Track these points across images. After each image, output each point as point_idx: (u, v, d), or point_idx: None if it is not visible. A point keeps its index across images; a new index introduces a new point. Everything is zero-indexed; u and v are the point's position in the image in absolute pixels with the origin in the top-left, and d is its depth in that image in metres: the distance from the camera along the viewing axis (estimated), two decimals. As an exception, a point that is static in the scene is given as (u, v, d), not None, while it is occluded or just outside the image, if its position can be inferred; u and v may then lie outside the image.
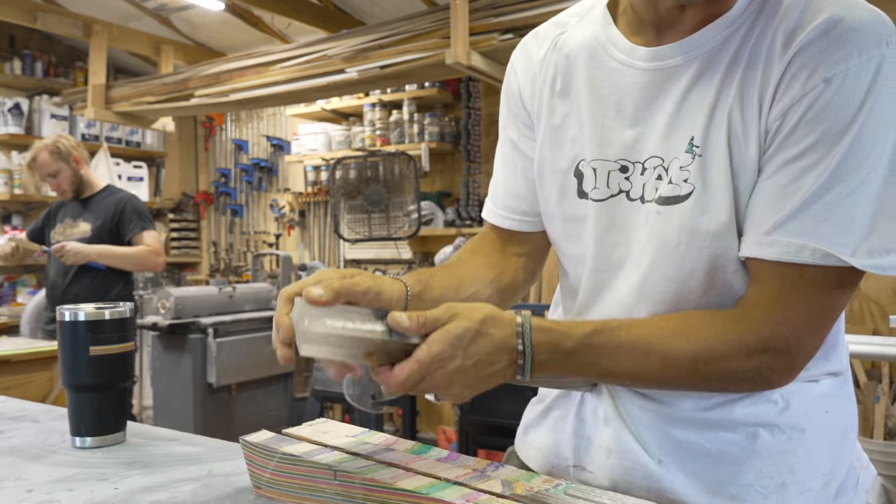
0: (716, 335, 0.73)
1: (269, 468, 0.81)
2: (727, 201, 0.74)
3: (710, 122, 0.75)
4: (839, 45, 0.69)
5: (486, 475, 0.75)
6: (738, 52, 0.75)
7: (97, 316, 1.05)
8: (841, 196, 0.68)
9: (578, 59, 0.87)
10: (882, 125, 0.69)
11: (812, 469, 0.78)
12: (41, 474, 0.92)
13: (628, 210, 0.81)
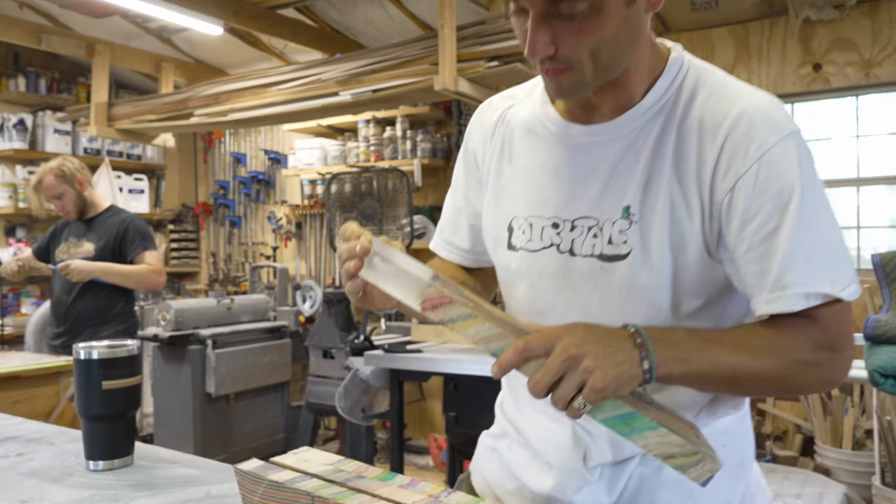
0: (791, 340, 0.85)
1: (258, 493, 0.95)
2: (664, 261, 0.88)
3: (646, 195, 0.89)
4: (760, 129, 0.85)
5: (438, 500, 0.89)
6: (664, 135, 0.90)
7: (109, 354, 1.18)
8: (806, 249, 0.84)
9: (522, 131, 1.02)
10: (813, 184, 0.85)
11: (710, 496, 0.92)
12: (61, 495, 1.06)
13: (556, 261, 0.95)
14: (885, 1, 3.54)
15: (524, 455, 1.02)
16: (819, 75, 3.73)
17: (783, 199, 0.83)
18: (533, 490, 1.00)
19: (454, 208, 1.14)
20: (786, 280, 0.84)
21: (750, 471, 1.00)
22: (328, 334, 3.64)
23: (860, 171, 3.77)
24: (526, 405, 1.03)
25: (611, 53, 0.86)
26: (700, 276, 0.90)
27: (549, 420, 0.98)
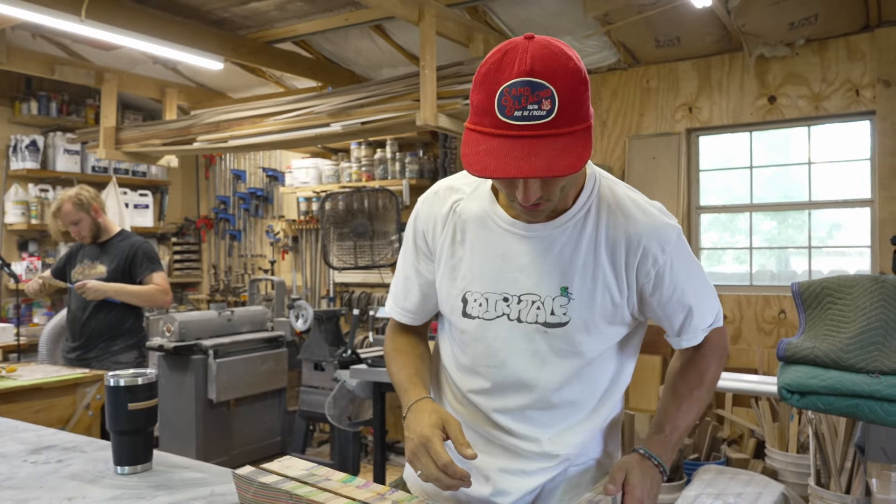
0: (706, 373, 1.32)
1: (250, 492, 1.26)
2: (593, 326, 1.21)
3: (584, 279, 1.20)
4: (661, 236, 1.21)
5: (384, 497, 1.20)
6: (595, 235, 1.21)
7: (133, 381, 1.49)
8: (702, 298, 1.28)
9: (474, 223, 1.27)
10: (692, 257, 1.28)
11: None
12: (98, 494, 1.36)
13: (507, 327, 1.25)
14: (832, 40, 3.85)
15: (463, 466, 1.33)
16: (774, 107, 4.04)
17: (687, 275, 1.25)
18: (471, 495, 1.30)
19: (405, 279, 1.40)
20: (696, 326, 1.28)
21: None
22: (319, 348, 3.95)
23: (812, 195, 4.08)
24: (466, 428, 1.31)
25: (571, 184, 1.15)
26: (614, 333, 1.25)
27: (484, 442, 1.29)
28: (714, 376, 1.33)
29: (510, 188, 1.11)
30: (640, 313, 1.26)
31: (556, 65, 1.00)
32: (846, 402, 2.10)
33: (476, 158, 1.04)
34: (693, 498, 2.95)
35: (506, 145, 1.01)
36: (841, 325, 2.25)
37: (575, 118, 1.02)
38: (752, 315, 4.08)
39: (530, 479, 1.28)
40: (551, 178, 1.05)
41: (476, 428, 1.31)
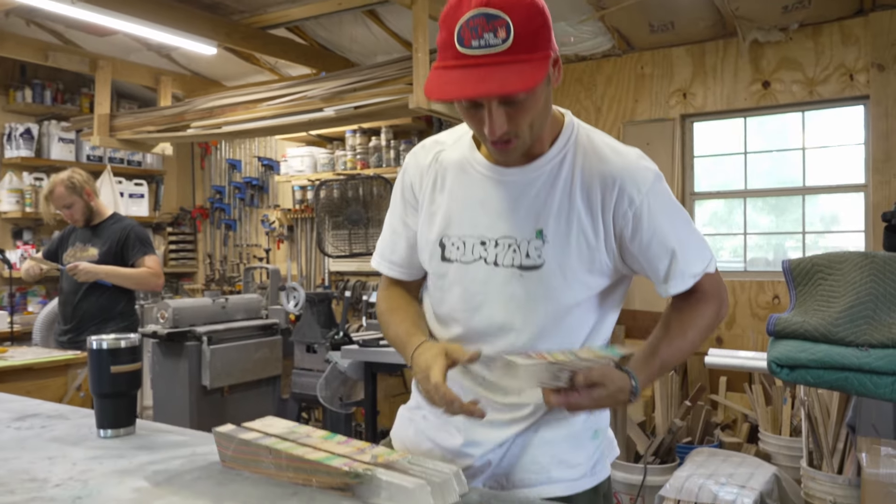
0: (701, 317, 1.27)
1: (230, 448, 1.26)
2: (568, 270, 1.21)
3: (558, 221, 1.20)
4: (638, 177, 1.20)
5: (364, 452, 1.19)
6: (571, 178, 1.21)
7: (116, 345, 1.49)
8: (688, 241, 1.24)
9: (454, 170, 1.30)
10: (675, 202, 1.25)
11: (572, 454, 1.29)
12: (80, 455, 1.36)
13: (485, 271, 1.25)
14: (826, 25, 3.84)
15: (436, 422, 1.33)
16: (768, 92, 4.03)
17: (667, 215, 1.21)
18: (444, 447, 1.31)
19: (392, 232, 1.42)
20: (682, 270, 1.23)
21: (605, 437, 1.34)
22: (311, 331, 3.94)
23: (806, 180, 4.08)
24: None
25: (540, 122, 1.17)
26: (593, 282, 1.23)
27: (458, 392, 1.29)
28: (709, 322, 1.28)
29: (479, 125, 1.13)
30: (623, 264, 1.24)
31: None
32: (835, 375, 2.10)
33: (436, 87, 1.08)
34: (685, 478, 2.94)
35: (465, 73, 1.05)
36: (831, 299, 2.25)
37: (532, 47, 1.06)
38: (747, 300, 4.08)
39: (501, 431, 1.27)
40: (516, 112, 1.10)
41: (451, 378, 1.30)
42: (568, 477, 1.27)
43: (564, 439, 1.28)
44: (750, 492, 2.83)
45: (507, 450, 1.28)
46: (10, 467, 1.28)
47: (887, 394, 2.04)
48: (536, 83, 1.05)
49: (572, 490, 1.26)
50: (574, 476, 1.27)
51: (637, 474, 3.26)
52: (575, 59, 4.55)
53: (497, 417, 1.27)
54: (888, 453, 2.15)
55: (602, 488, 1.31)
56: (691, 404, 3.54)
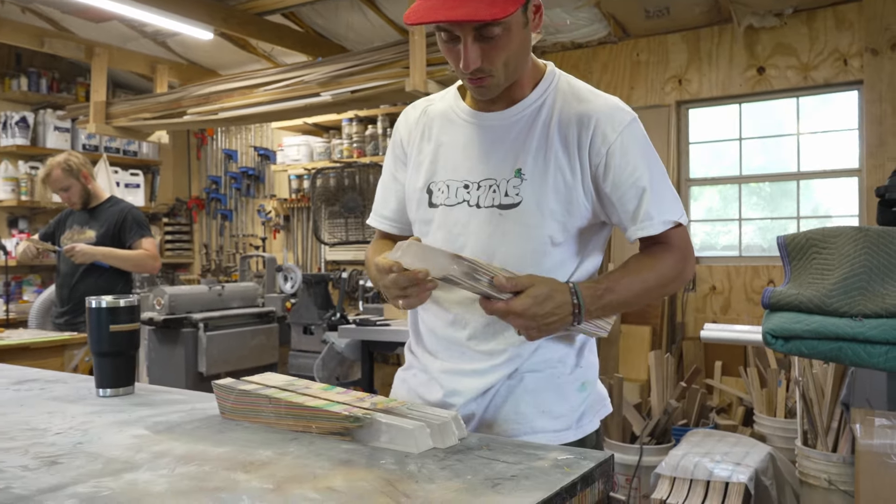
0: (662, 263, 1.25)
1: (230, 399, 1.27)
2: (545, 207, 1.23)
3: (536, 160, 1.23)
4: (617, 116, 1.23)
5: (363, 400, 1.20)
6: (549, 121, 1.25)
7: (115, 304, 1.49)
8: (659, 189, 1.23)
9: (440, 119, 1.35)
10: (652, 149, 1.26)
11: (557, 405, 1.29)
12: (79, 410, 1.36)
13: (466, 212, 1.28)
14: (820, 10, 3.87)
15: (423, 378, 1.37)
16: (763, 78, 4.05)
17: (641, 156, 1.22)
18: (428, 401, 1.33)
19: (383, 188, 1.46)
20: (651, 213, 1.22)
21: (594, 389, 1.34)
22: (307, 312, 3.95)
23: (800, 165, 4.10)
24: (427, 345, 1.38)
25: (516, 62, 1.21)
26: (570, 222, 1.25)
27: (440, 360, 1.34)
28: (670, 272, 1.25)
29: (456, 59, 1.18)
30: (600, 209, 1.25)
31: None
32: (830, 345, 2.11)
33: (414, 13, 1.13)
34: (680, 456, 2.96)
35: (442, 2, 1.11)
36: (825, 272, 2.27)
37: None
38: (742, 285, 4.10)
39: (480, 380, 1.28)
40: (491, 48, 1.15)
41: (434, 329, 1.34)
42: (551, 427, 1.27)
43: (549, 389, 1.28)
44: (745, 469, 2.84)
45: (491, 400, 1.29)
46: (9, 420, 1.28)
47: (881, 363, 2.05)
48: (505, 14, 1.09)
49: (556, 441, 1.24)
50: (557, 427, 1.27)
51: (633, 455, 3.27)
52: (571, 46, 4.57)
53: (477, 365, 1.29)
54: (882, 424, 2.17)
55: (588, 442, 1.31)
56: (686, 386, 3.56)
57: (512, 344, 1.27)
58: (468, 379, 1.29)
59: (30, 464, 1.00)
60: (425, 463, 0.98)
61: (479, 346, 1.29)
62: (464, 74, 1.19)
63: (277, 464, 0.98)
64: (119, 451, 1.06)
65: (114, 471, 0.96)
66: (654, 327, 4.14)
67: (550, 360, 1.28)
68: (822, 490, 2.94)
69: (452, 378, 1.31)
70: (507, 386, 1.28)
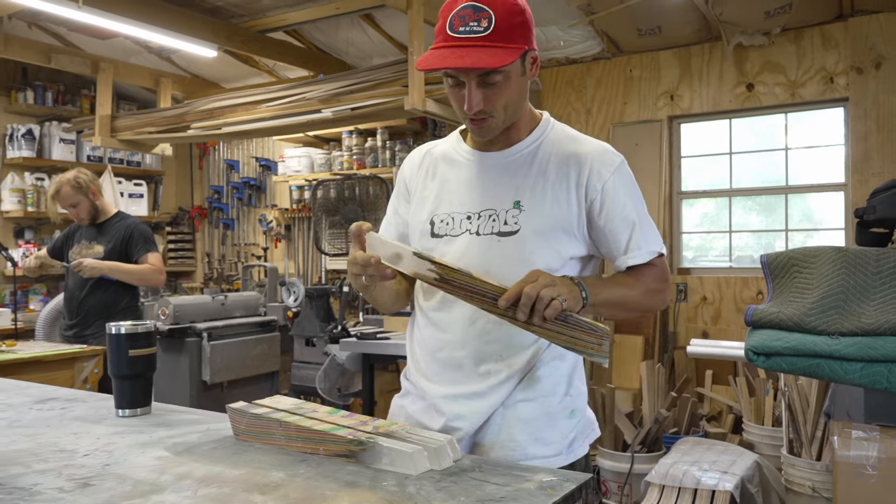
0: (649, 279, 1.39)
1: (243, 422, 1.37)
2: (542, 236, 1.36)
3: (533, 193, 1.37)
4: (607, 159, 1.39)
5: (366, 423, 1.31)
6: (546, 160, 1.39)
7: (133, 330, 1.60)
8: (646, 223, 1.40)
9: (443, 160, 1.49)
10: (637, 188, 1.42)
11: (549, 432, 1.40)
12: (102, 431, 1.47)
13: (467, 239, 1.40)
14: (807, 29, 3.98)
15: (422, 405, 1.46)
16: (752, 94, 4.17)
17: (630, 197, 1.39)
18: (429, 427, 1.42)
19: (386, 222, 1.59)
20: (640, 244, 1.38)
21: (583, 416, 1.45)
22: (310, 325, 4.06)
23: (789, 180, 4.21)
24: (424, 370, 1.47)
25: (514, 106, 1.35)
26: (564, 249, 1.37)
27: (437, 385, 1.43)
28: (655, 287, 1.39)
29: (461, 102, 1.32)
30: (590, 239, 1.39)
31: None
32: (808, 361, 2.22)
33: (425, 60, 1.28)
34: (670, 465, 3.07)
35: (450, 51, 1.25)
36: (805, 291, 2.37)
37: (508, 38, 1.25)
38: (732, 296, 4.21)
39: (481, 402, 1.37)
40: (492, 93, 1.29)
41: (433, 351, 1.44)
42: (544, 454, 1.37)
43: (541, 418, 1.38)
44: (731, 477, 2.95)
45: (488, 427, 1.38)
46: (39, 441, 1.39)
47: (856, 379, 2.16)
48: (504, 63, 1.23)
49: (548, 466, 1.36)
50: (549, 453, 1.37)
51: (625, 462, 3.38)
52: (566, 61, 4.68)
53: (475, 388, 1.38)
54: (859, 436, 2.27)
55: (578, 466, 1.41)
56: (677, 395, 3.67)
57: (513, 365, 1.37)
58: (469, 402, 1.38)
59: (65, 485, 1.11)
60: (423, 485, 1.08)
61: (478, 367, 1.38)
62: (466, 115, 1.33)
63: (290, 485, 1.08)
64: (144, 472, 1.16)
65: (142, 493, 1.06)
66: (647, 337, 4.25)
67: (543, 389, 1.38)
68: (807, 497, 3.05)
69: (453, 403, 1.39)
70: (501, 415, 1.37)
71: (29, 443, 1.37)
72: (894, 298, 2.25)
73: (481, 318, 1.36)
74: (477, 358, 1.38)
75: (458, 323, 1.40)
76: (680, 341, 4.28)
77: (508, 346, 1.37)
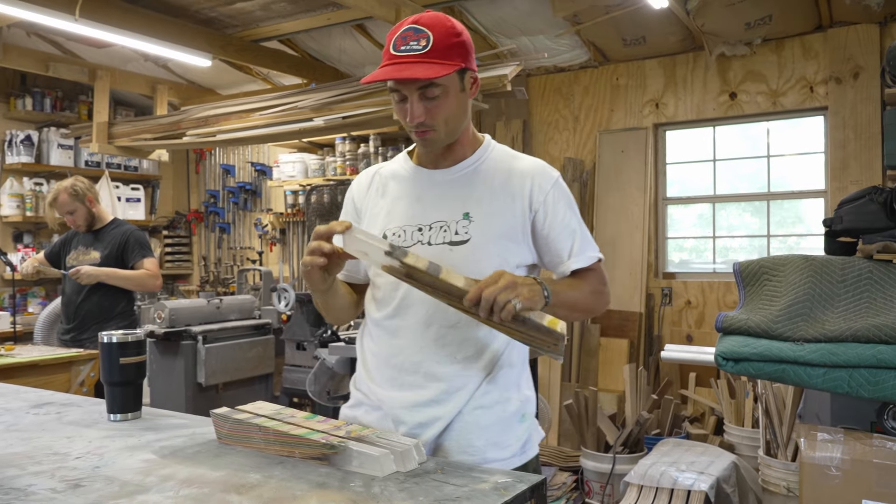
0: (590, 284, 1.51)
1: (226, 427, 1.46)
2: (490, 244, 1.46)
3: (481, 205, 1.47)
4: (546, 174, 1.51)
5: (339, 428, 1.40)
6: (491, 175, 1.50)
7: (124, 339, 1.69)
8: (585, 232, 1.52)
9: (392, 178, 1.57)
10: (573, 201, 1.54)
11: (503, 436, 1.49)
12: (94, 435, 1.56)
13: (420, 249, 1.47)
14: (788, 40, 4.07)
15: (378, 415, 1.53)
16: (735, 103, 4.26)
17: (569, 206, 1.51)
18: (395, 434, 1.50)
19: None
20: (580, 250, 1.50)
21: (531, 421, 1.55)
22: (301, 329, 4.15)
23: (770, 186, 4.31)
24: (381, 382, 1.52)
25: (455, 121, 1.45)
26: (511, 257, 1.46)
27: (394, 392, 1.50)
28: (596, 291, 1.51)
29: (405, 115, 1.42)
30: (534, 247, 1.50)
31: (437, 21, 1.39)
32: (774, 367, 2.31)
33: (370, 76, 1.39)
34: (648, 465, 3.16)
35: (392, 67, 1.38)
36: (773, 299, 2.47)
37: (445, 56, 1.37)
38: (715, 300, 4.31)
39: (439, 408, 1.45)
40: (432, 107, 1.40)
41: (389, 359, 1.51)
42: (500, 457, 1.46)
43: (496, 424, 1.47)
44: (707, 477, 3.05)
45: (447, 434, 1.46)
46: (35, 444, 1.48)
47: (819, 384, 2.25)
48: (438, 75, 1.34)
49: (507, 468, 1.41)
50: (506, 456, 1.47)
51: (606, 463, 3.47)
52: (554, 70, 4.77)
53: (431, 395, 1.46)
54: (824, 438, 2.36)
55: (531, 465, 1.51)
56: (658, 397, 3.76)
57: (464, 367, 1.45)
58: (427, 410, 1.46)
59: (57, 486, 1.20)
60: (387, 486, 1.17)
61: (435, 370, 1.46)
62: (411, 128, 1.43)
63: (264, 486, 1.17)
64: (131, 474, 1.25)
65: (128, 493, 1.15)
66: (632, 340, 4.34)
67: (497, 397, 1.47)
68: (782, 497, 3.15)
69: (413, 412, 1.47)
70: (461, 422, 1.46)
71: (25, 446, 1.46)
72: (857, 306, 2.34)
73: (435, 324, 1.45)
74: (433, 360, 1.46)
75: (412, 329, 1.47)
76: (665, 344, 4.38)
77: (463, 348, 1.46)
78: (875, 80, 3.76)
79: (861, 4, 3.65)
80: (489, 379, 1.47)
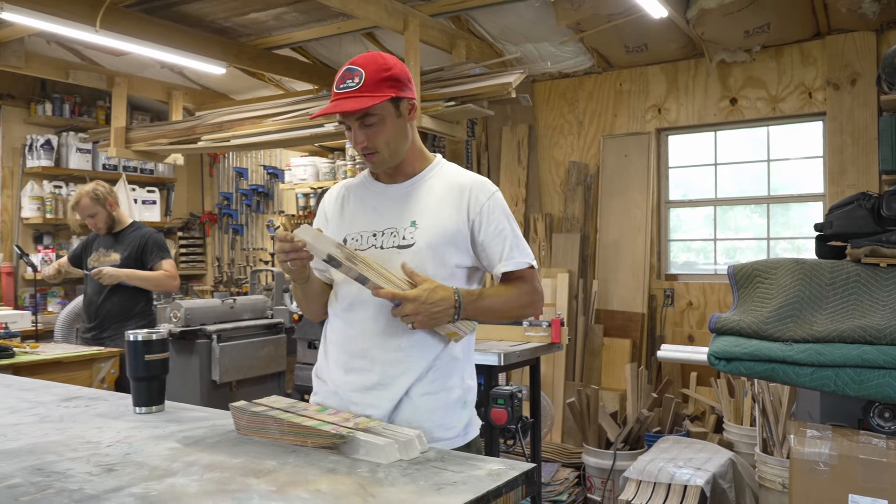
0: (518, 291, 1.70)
1: (244, 419, 1.59)
2: (433, 248, 1.64)
3: (426, 214, 1.67)
4: (485, 187, 1.70)
5: (348, 420, 1.52)
6: (438, 189, 1.69)
7: (149, 337, 1.82)
8: (518, 240, 1.69)
9: (355, 191, 1.79)
10: (509, 212, 1.73)
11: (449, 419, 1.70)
12: (122, 426, 1.69)
13: (372, 252, 1.69)
14: (787, 46, 4.16)
15: (336, 400, 1.72)
16: (735, 108, 4.35)
17: (504, 216, 1.69)
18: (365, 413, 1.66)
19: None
20: (512, 255, 1.68)
21: (472, 408, 1.75)
22: (312, 329, 4.28)
23: (770, 190, 4.39)
24: (336, 367, 1.73)
25: (396, 143, 1.65)
26: (452, 260, 1.66)
27: (348, 376, 1.70)
28: (524, 298, 1.70)
29: (352, 143, 1.66)
30: (473, 252, 1.69)
31: (369, 60, 1.61)
32: (764, 366, 2.41)
33: (319, 111, 1.67)
34: (647, 461, 3.27)
35: (334, 103, 1.61)
36: (765, 300, 2.57)
37: (375, 89, 1.58)
38: (716, 301, 4.40)
39: (386, 392, 1.65)
40: (372, 132, 1.61)
41: (344, 345, 1.72)
42: (446, 436, 1.66)
43: (442, 408, 1.67)
44: (704, 473, 3.15)
45: (396, 415, 1.65)
46: (68, 434, 1.61)
47: (807, 382, 2.36)
48: (364, 106, 1.56)
49: (451, 447, 1.63)
50: (451, 436, 1.67)
51: (607, 459, 3.58)
52: (559, 75, 4.88)
53: (380, 379, 1.66)
54: (813, 435, 2.46)
55: (474, 445, 1.73)
56: (658, 395, 3.86)
57: (408, 355, 1.65)
58: (375, 392, 1.66)
59: (93, 470, 1.33)
60: (391, 472, 1.30)
61: (382, 355, 1.66)
62: (359, 151, 1.65)
63: (280, 472, 1.30)
64: (159, 460, 1.38)
65: (157, 476, 1.28)
66: (635, 340, 4.44)
67: (442, 385, 1.68)
68: (778, 493, 3.25)
69: (363, 394, 1.66)
70: (409, 405, 1.65)
71: (60, 435, 1.59)
72: (844, 308, 2.44)
73: (384, 317, 1.66)
74: (380, 348, 1.66)
75: (364, 321, 1.68)
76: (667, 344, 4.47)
77: (407, 339, 1.66)
78: (872, 87, 3.84)
79: (857, 12, 3.73)
80: (434, 368, 1.68)
